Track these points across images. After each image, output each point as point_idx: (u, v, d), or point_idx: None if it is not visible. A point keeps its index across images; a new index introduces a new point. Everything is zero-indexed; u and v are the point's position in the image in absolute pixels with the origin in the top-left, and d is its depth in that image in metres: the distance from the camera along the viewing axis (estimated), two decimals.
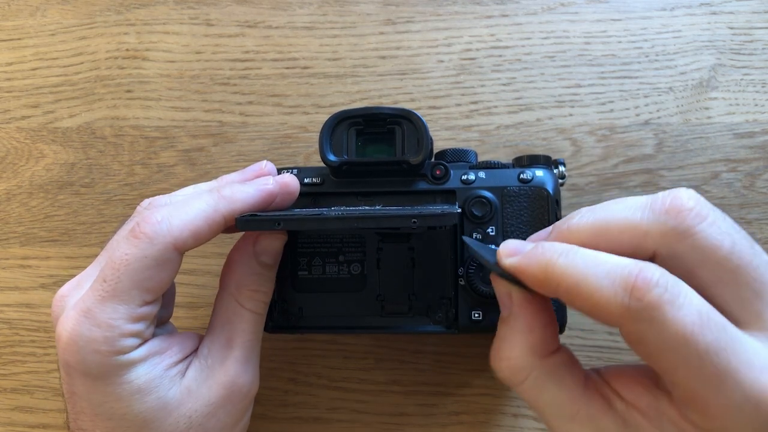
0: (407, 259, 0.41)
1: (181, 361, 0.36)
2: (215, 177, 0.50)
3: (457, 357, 0.47)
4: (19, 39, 0.55)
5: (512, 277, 0.31)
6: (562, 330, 0.39)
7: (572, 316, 0.45)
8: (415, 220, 0.32)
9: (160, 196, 0.39)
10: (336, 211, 0.37)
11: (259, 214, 0.36)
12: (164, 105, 0.53)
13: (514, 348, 0.30)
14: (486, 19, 0.52)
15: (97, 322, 0.32)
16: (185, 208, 0.34)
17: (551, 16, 0.51)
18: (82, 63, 0.54)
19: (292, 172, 0.41)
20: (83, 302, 0.33)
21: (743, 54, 0.50)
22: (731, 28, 0.50)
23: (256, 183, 0.37)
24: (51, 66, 0.54)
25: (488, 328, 0.39)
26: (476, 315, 0.39)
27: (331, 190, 0.41)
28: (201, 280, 0.50)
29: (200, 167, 0.51)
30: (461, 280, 0.39)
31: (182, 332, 0.39)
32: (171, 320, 0.47)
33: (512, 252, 0.30)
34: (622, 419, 0.28)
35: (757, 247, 0.28)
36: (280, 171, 0.42)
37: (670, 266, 0.27)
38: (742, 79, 0.49)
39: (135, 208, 0.50)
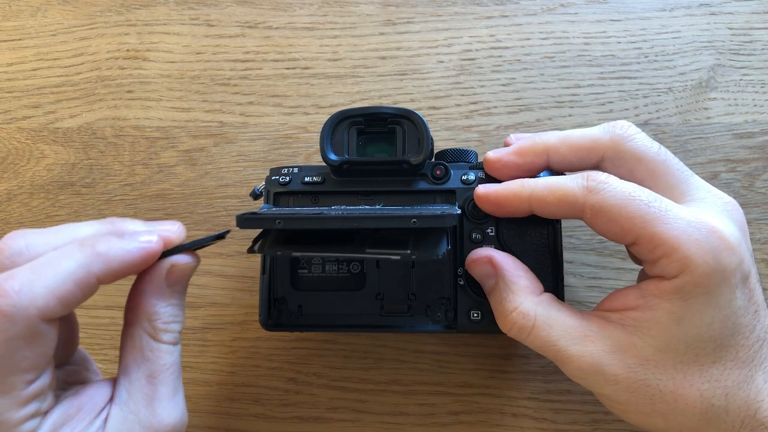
0: None
1: (97, 416, 0.31)
2: (215, 177, 0.51)
3: (457, 357, 0.47)
4: (20, 39, 0.55)
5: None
6: None
7: None
8: (415, 220, 0.33)
9: (16, 235, 0.31)
10: (336, 210, 0.37)
11: (258, 212, 0.36)
12: (165, 105, 0.53)
13: (515, 297, 0.36)
14: (486, 20, 0.52)
15: None
16: (50, 270, 0.29)
17: (551, 16, 0.52)
18: (82, 63, 0.54)
19: (292, 171, 0.41)
20: None
21: (742, 54, 0.50)
22: (730, 29, 0.50)
23: (137, 239, 0.32)
24: (52, 66, 0.54)
25: (487, 328, 0.39)
26: (475, 315, 0.39)
27: (331, 189, 0.41)
28: (201, 280, 0.50)
29: (201, 167, 0.51)
30: (460, 280, 0.39)
31: (94, 384, 0.33)
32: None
33: (486, 187, 0.38)
34: (621, 325, 0.34)
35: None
36: (280, 170, 0.42)
37: (615, 166, 0.36)
38: (741, 80, 0.49)
39: (136, 208, 0.51)
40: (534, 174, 0.38)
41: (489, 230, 0.40)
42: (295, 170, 0.42)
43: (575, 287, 0.47)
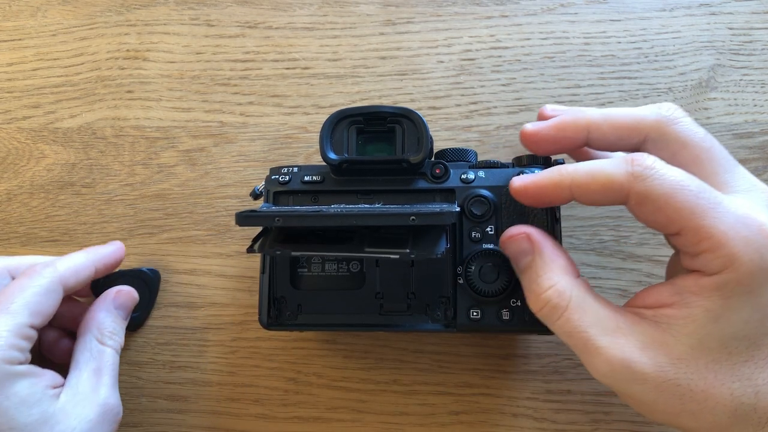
0: None
1: (53, 389, 0.38)
2: (215, 177, 0.51)
3: (457, 357, 0.47)
4: (20, 39, 0.55)
5: None
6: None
7: None
8: (414, 218, 0.33)
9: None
10: (335, 208, 0.37)
11: (257, 210, 0.36)
12: (165, 105, 0.53)
13: (553, 274, 0.34)
14: (486, 20, 0.52)
15: None
16: (70, 257, 0.43)
17: (551, 16, 0.52)
18: (82, 63, 0.54)
19: (292, 171, 0.42)
20: None
21: (742, 54, 0.50)
22: (730, 29, 0.50)
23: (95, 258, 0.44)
24: (52, 66, 0.54)
25: (486, 327, 0.39)
26: (474, 314, 0.39)
27: (331, 188, 0.41)
28: (201, 280, 0.50)
29: (201, 167, 0.51)
30: (460, 279, 0.39)
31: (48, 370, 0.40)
32: (173, 320, 0.48)
33: (522, 178, 0.36)
34: (654, 322, 0.33)
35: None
36: (280, 170, 0.42)
37: (658, 149, 0.35)
38: (741, 80, 0.49)
39: (136, 208, 0.51)
40: (571, 150, 0.37)
41: (488, 229, 0.40)
42: (295, 170, 0.42)
43: None
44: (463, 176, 0.40)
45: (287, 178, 0.42)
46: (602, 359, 0.32)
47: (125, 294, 0.46)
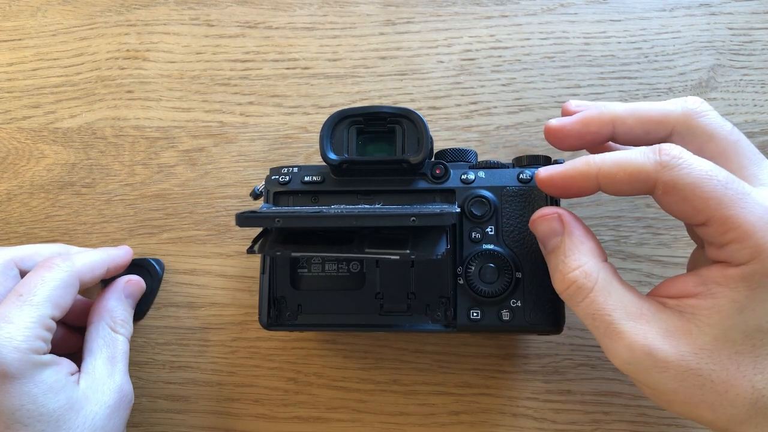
0: None
1: (72, 374, 0.40)
2: (215, 177, 0.51)
3: (457, 357, 0.47)
4: (19, 39, 0.55)
5: None
6: (560, 329, 0.40)
7: (571, 317, 0.45)
8: (414, 219, 0.33)
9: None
10: (335, 209, 0.37)
11: (257, 211, 0.36)
12: (165, 105, 0.53)
13: (581, 255, 0.34)
14: (486, 20, 0.52)
15: (15, 324, 0.37)
16: (86, 253, 0.45)
17: (551, 16, 0.52)
18: (82, 63, 0.54)
19: (292, 171, 0.42)
20: None
21: (742, 54, 0.50)
22: (730, 29, 0.50)
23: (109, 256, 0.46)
24: (52, 66, 0.54)
25: (486, 327, 0.39)
26: (474, 314, 0.39)
27: (331, 189, 0.41)
28: (201, 280, 0.50)
29: (201, 167, 0.51)
30: (460, 279, 0.39)
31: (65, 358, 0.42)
32: (173, 320, 0.47)
33: (549, 169, 0.36)
34: (678, 311, 0.33)
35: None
36: (280, 170, 0.42)
37: (685, 142, 0.34)
38: (741, 80, 0.49)
39: (136, 208, 0.51)
40: (596, 145, 0.37)
41: (489, 229, 0.40)
42: (295, 170, 0.42)
43: None
44: (463, 176, 0.40)
45: (287, 178, 0.42)
46: (624, 344, 0.32)
47: (134, 283, 0.47)
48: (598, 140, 0.37)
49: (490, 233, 0.40)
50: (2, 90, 0.54)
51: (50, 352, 0.39)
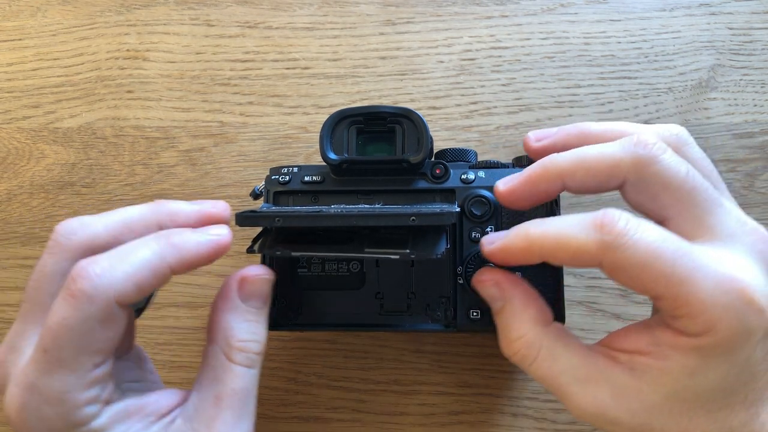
0: None
1: (157, 420, 0.32)
2: (215, 177, 0.51)
3: (457, 357, 0.47)
4: (19, 39, 0.55)
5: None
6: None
7: (571, 316, 0.45)
8: (414, 218, 0.33)
9: (69, 219, 0.33)
10: (335, 209, 0.37)
11: (257, 210, 0.36)
12: (165, 105, 0.53)
13: (521, 325, 0.34)
14: (486, 20, 0.52)
15: (46, 398, 0.29)
16: (129, 258, 0.31)
17: (551, 16, 0.52)
18: (82, 63, 0.54)
19: (292, 171, 0.41)
20: (26, 376, 0.30)
21: (742, 54, 0.50)
22: (730, 29, 0.50)
23: (208, 233, 0.34)
24: (52, 66, 0.54)
25: (486, 326, 0.39)
26: (474, 314, 0.39)
27: (331, 189, 0.41)
28: (201, 280, 0.50)
29: (201, 167, 0.51)
30: (460, 279, 0.39)
31: (161, 390, 0.35)
32: (173, 320, 0.47)
33: (493, 239, 0.34)
34: (629, 368, 0.32)
35: (712, 173, 0.35)
36: (280, 170, 0.42)
37: (638, 191, 0.32)
38: (741, 80, 0.49)
39: None
40: (552, 198, 0.36)
41: (488, 229, 0.40)
42: (295, 170, 0.42)
43: (575, 287, 0.47)
44: (463, 176, 0.40)
45: (287, 178, 0.41)
46: (575, 405, 0.32)
47: (255, 280, 0.36)
48: (551, 196, 0.35)
49: (490, 233, 0.40)
50: (2, 90, 0.54)
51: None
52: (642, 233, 0.30)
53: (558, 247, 0.31)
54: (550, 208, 0.40)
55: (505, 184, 0.35)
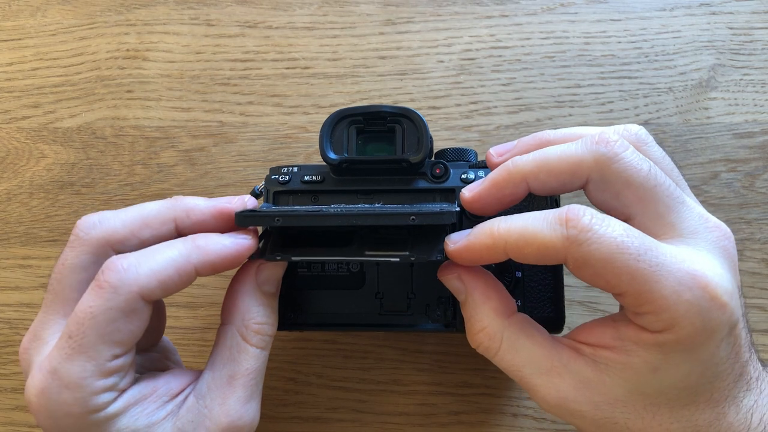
0: None
1: (170, 400, 0.34)
2: (215, 177, 0.51)
3: (457, 357, 0.47)
4: (19, 39, 0.55)
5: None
6: (560, 328, 0.40)
7: (571, 316, 0.45)
8: (414, 218, 0.32)
9: (89, 214, 0.35)
10: (335, 208, 0.37)
11: (257, 210, 0.36)
12: (164, 105, 0.53)
13: (482, 318, 0.34)
14: (486, 20, 0.52)
15: (65, 382, 0.31)
16: (155, 256, 0.32)
17: (551, 16, 0.52)
18: (82, 63, 0.54)
19: (292, 171, 0.41)
20: (49, 362, 0.32)
21: (743, 54, 0.50)
22: (731, 29, 0.50)
23: (234, 237, 0.35)
24: (51, 66, 0.54)
25: None
26: None
27: (331, 188, 0.41)
28: (201, 280, 0.49)
29: (200, 167, 0.51)
30: None
31: (172, 370, 0.37)
32: (173, 320, 0.47)
33: (456, 238, 0.34)
34: (593, 361, 0.32)
35: (673, 171, 0.34)
36: (280, 170, 0.42)
37: (601, 189, 0.32)
38: (741, 80, 0.49)
39: None
40: (518, 201, 0.35)
41: None
42: (295, 169, 0.42)
43: (575, 287, 0.47)
44: (463, 176, 0.40)
45: (287, 177, 0.41)
46: (539, 396, 0.33)
47: (268, 264, 0.36)
48: (517, 199, 0.35)
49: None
50: (2, 90, 0.54)
51: None
52: (606, 228, 0.30)
53: (523, 243, 0.31)
54: (552, 205, 0.40)
55: (471, 191, 0.35)
